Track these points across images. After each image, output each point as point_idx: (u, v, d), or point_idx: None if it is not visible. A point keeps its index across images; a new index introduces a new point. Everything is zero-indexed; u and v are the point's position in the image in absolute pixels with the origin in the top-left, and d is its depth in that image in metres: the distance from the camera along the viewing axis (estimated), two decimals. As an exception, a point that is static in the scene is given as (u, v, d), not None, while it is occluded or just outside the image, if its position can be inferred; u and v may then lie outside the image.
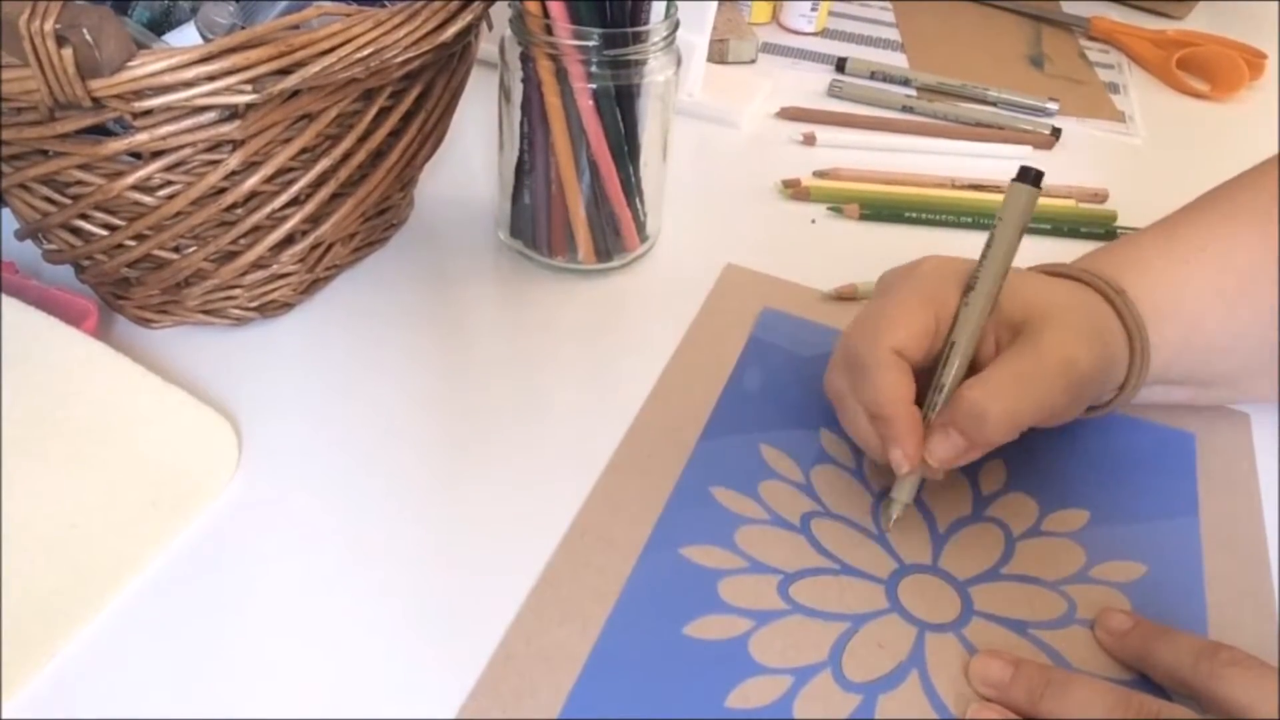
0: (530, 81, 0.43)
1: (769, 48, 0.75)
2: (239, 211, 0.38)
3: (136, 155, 0.35)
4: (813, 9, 0.78)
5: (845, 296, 0.48)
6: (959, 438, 0.34)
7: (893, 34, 0.80)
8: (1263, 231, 0.39)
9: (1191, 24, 0.88)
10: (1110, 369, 0.36)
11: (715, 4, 0.61)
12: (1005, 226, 0.36)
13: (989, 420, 0.33)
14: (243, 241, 0.39)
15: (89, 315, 0.40)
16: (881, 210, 0.55)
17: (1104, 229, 0.56)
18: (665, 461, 0.39)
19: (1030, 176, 0.36)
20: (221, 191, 0.37)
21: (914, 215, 0.55)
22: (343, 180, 0.40)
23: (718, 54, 0.69)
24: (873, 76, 0.71)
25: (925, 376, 0.36)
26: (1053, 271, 0.40)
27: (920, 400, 0.35)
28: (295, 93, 0.36)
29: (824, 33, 0.79)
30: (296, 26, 0.35)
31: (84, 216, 0.37)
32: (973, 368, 0.35)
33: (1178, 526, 0.38)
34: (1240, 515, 0.39)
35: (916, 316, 0.35)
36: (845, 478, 0.39)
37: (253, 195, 0.38)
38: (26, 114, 0.33)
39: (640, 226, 0.49)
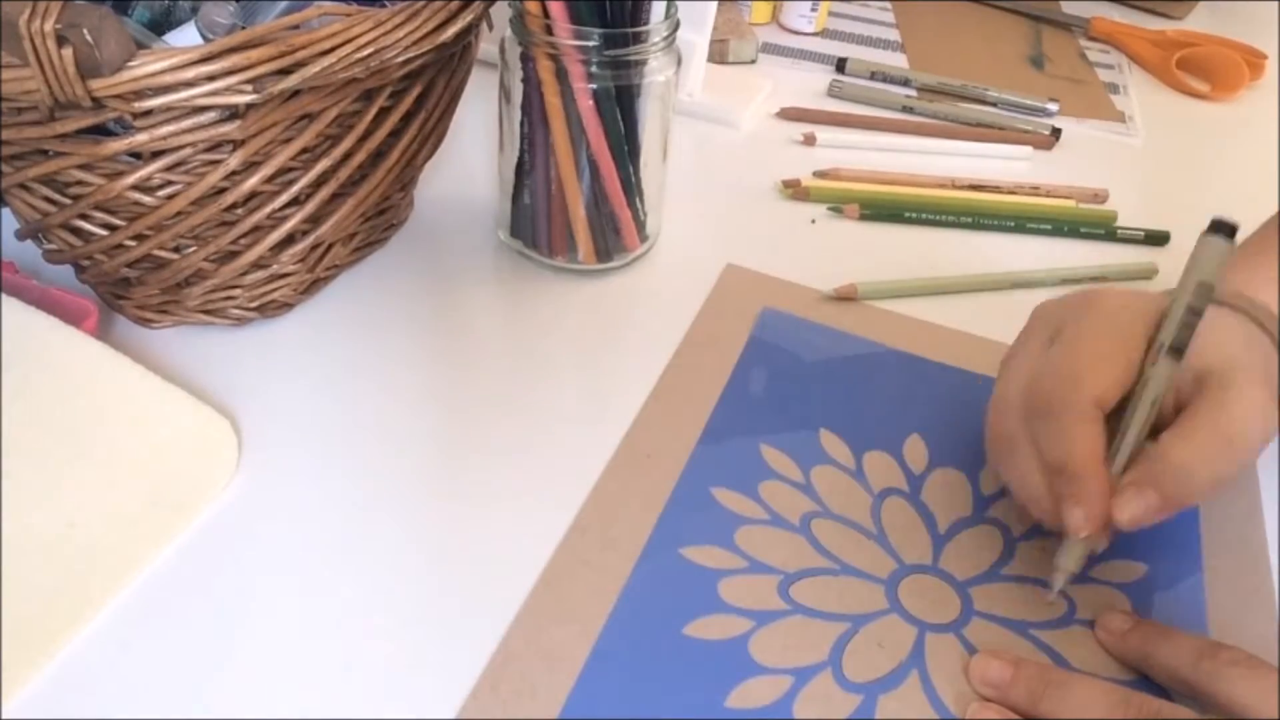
0: (530, 81, 0.43)
1: (769, 48, 0.75)
2: (239, 211, 0.38)
3: (136, 155, 0.35)
4: (813, 9, 0.78)
5: (845, 296, 0.48)
6: (1155, 498, 0.31)
7: (893, 34, 0.80)
8: None
9: (1191, 24, 0.88)
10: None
11: (715, 4, 0.61)
12: (1195, 279, 0.34)
13: (1195, 483, 0.31)
14: (243, 241, 0.39)
15: (89, 315, 0.40)
16: (881, 210, 0.55)
17: (1104, 229, 0.56)
18: (665, 461, 0.39)
19: (1225, 230, 0.34)
20: (222, 191, 0.37)
21: (914, 215, 0.55)
22: (343, 180, 0.40)
23: (718, 54, 0.69)
24: (873, 77, 0.71)
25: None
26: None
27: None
28: (295, 93, 0.36)
29: (824, 33, 0.79)
30: (297, 26, 0.35)
31: (84, 216, 0.37)
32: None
33: (1178, 526, 0.38)
34: (1240, 515, 0.39)
35: (1117, 363, 0.33)
36: (845, 478, 0.39)
37: (253, 195, 0.38)
38: (27, 114, 0.33)
39: (640, 226, 0.49)
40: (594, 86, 0.42)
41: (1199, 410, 0.32)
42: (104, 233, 0.38)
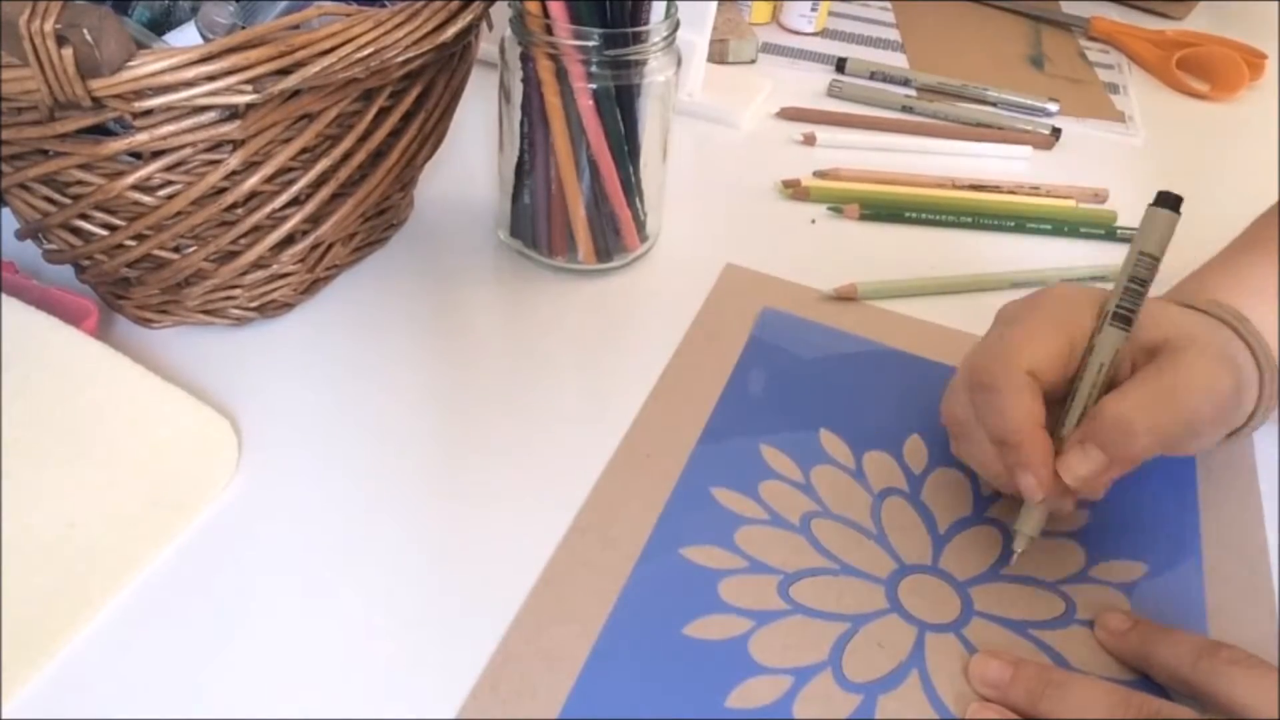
0: (530, 81, 0.43)
1: (769, 48, 0.75)
2: (239, 211, 0.38)
3: (137, 155, 0.35)
4: (813, 9, 0.78)
5: (845, 296, 0.48)
6: (1099, 454, 0.32)
7: (893, 34, 0.80)
8: None
9: (1191, 24, 0.88)
10: (1243, 397, 0.35)
11: (715, 4, 0.61)
12: (1150, 262, 0.35)
13: (1135, 433, 0.31)
14: (243, 241, 0.39)
15: (89, 315, 0.40)
16: (881, 210, 0.55)
17: (1104, 229, 0.56)
18: (665, 461, 0.39)
19: (1169, 201, 0.35)
20: (222, 191, 0.37)
21: (914, 215, 0.55)
22: (343, 180, 0.40)
23: (718, 54, 0.69)
24: (872, 77, 0.71)
25: (1053, 407, 0.34)
26: (1178, 303, 0.38)
27: (1050, 427, 0.34)
28: (295, 93, 0.36)
29: (824, 33, 0.79)
30: (296, 26, 0.35)
31: (84, 216, 0.37)
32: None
33: (1178, 526, 0.38)
34: (1240, 515, 0.39)
35: (1051, 338, 0.34)
36: (845, 478, 0.39)
37: (253, 195, 0.38)
38: (27, 114, 0.33)
39: (640, 226, 0.49)
40: (594, 86, 0.42)
41: (1143, 373, 0.33)
42: (104, 233, 0.38)
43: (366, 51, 0.35)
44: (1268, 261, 0.39)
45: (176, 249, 0.39)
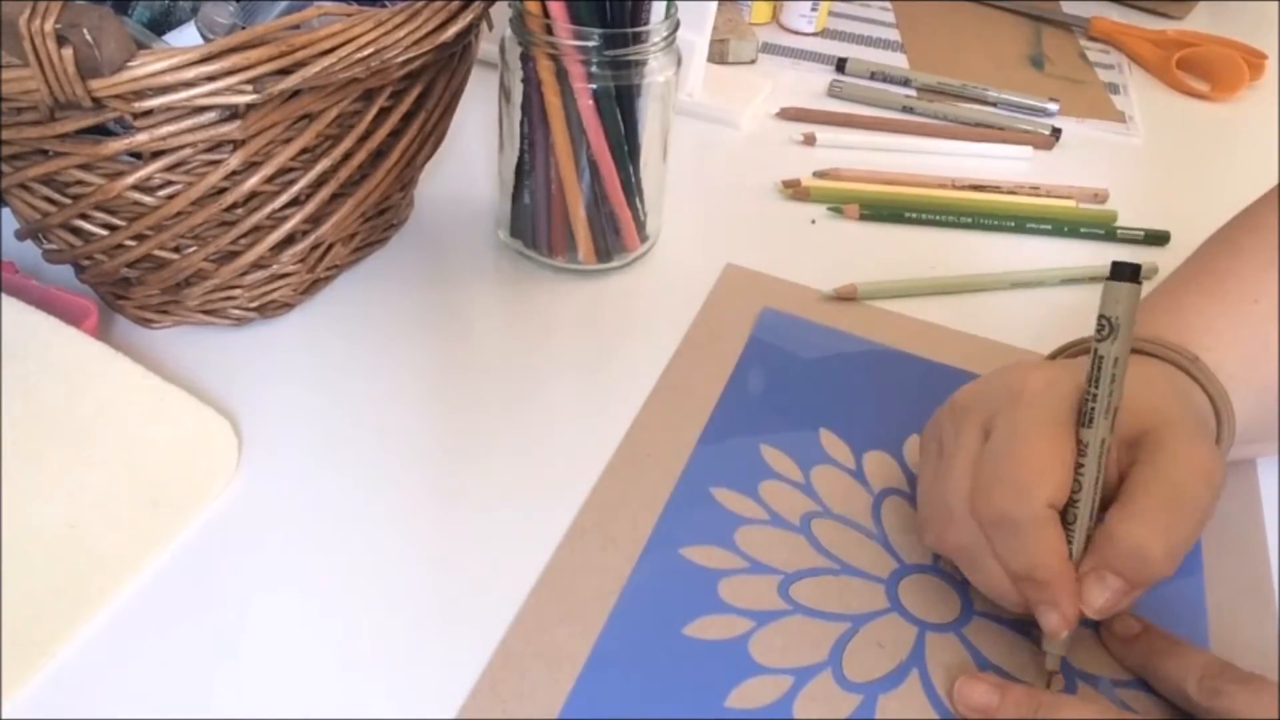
0: (530, 81, 0.43)
1: (769, 48, 0.75)
2: (239, 211, 0.38)
3: (137, 155, 0.35)
4: (813, 9, 0.78)
5: (845, 296, 0.48)
6: (1118, 582, 0.30)
7: (893, 34, 0.80)
8: None
9: (1191, 24, 0.88)
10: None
11: (715, 4, 0.61)
12: (1120, 339, 0.31)
13: (1152, 560, 0.29)
14: (243, 241, 0.39)
15: (89, 315, 0.40)
16: (881, 210, 0.55)
17: (1104, 229, 0.56)
18: (665, 461, 0.39)
19: (1127, 272, 0.31)
20: (222, 191, 0.37)
21: (914, 215, 0.55)
22: (343, 180, 0.40)
23: (718, 54, 0.69)
24: (873, 77, 0.71)
25: None
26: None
27: None
28: (295, 93, 0.36)
29: (824, 33, 0.79)
30: (297, 26, 0.35)
31: (84, 216, 0.37)
32: None
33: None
34: (1240, 515, 0.39)
35: (1061, 457, 0.31)
36: (845, 478, 0.39)
37: (253, 195, 0.38)
38: (27, 114, 0.33)
39: (640, 226, 0.49)
40: (594, 86, 0.42)
41: (1139, 481, 0.31)
42: (104, 233, 0.38)
43: (367, 51, 0.35)
44: (1213, 296, 0.38)
45: (177, 249, 0.39)
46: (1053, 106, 0.69)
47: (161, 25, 0.41)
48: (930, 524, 0.34)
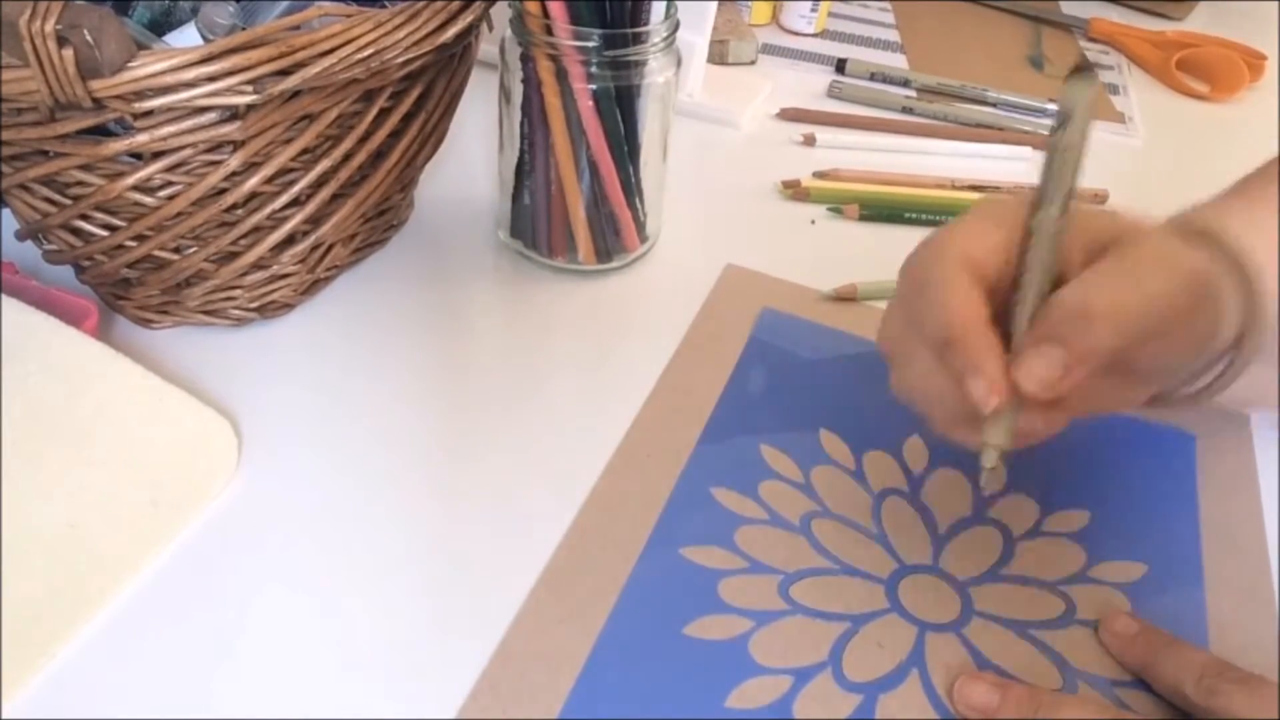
0: (530, 82, 0.43)
1: (769, 48, 0.75)
2: (239, 212, 0.38)
3: (137, 156, 0.35)
4: (812, 10, 0.78)
5: (845, 297, 0.49)
6: (1057, 350, 0.28)
7: (893, 35, 0.80)
8: None
9: (1191, 25, 0.88)
10: (1220, 307, 0.30)
11: (715, 4, 0.61)
12: (1072, 128, 0.29)
13: (1094, 318, 0.27)
14: (243, 242, 0.39)
15: (89, 315, 0.40)
16: (881, 211, 0.55)
17: (1104, 229, 0.56)
18: (665, 461, 0.39)
19: (1085, 70, 0.29)
20: (222, 192, 0.37)
21: (914, 216, 0.55)
22: (343, 181, 0.40)
23: (718, 55, 0.69)
24: (872, 78, 0.71)
25: (999, 315, 0.30)
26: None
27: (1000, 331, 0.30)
28: (296, 93, 0.36)
29: (824, 34, 0.79)
30: (297, 27, 0.35)
31: (84, 217, 0.37)
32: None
33: (1178, 526, 0.38)
34: (1240, 515, 0.39)
35: (987, 230, 0.30)
36: (845, 478, 0.39)
37: (253, 196, 0.38)
38: (27, 114, 0.33)
39: (640, 227, 0.49)
40: (594, 87, 0.42)
41: (1099, 261, 0.29)
42: (104, 233, 0.38)
43: (367, 52, 0.35)
44: (1258, 203, 0.35)
45: (177, 250, 0.39)
46: (1053, 107, 0.69)
47: (161, 26, 0.41)
48: (878, 332, 0.33)
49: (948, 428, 0.32)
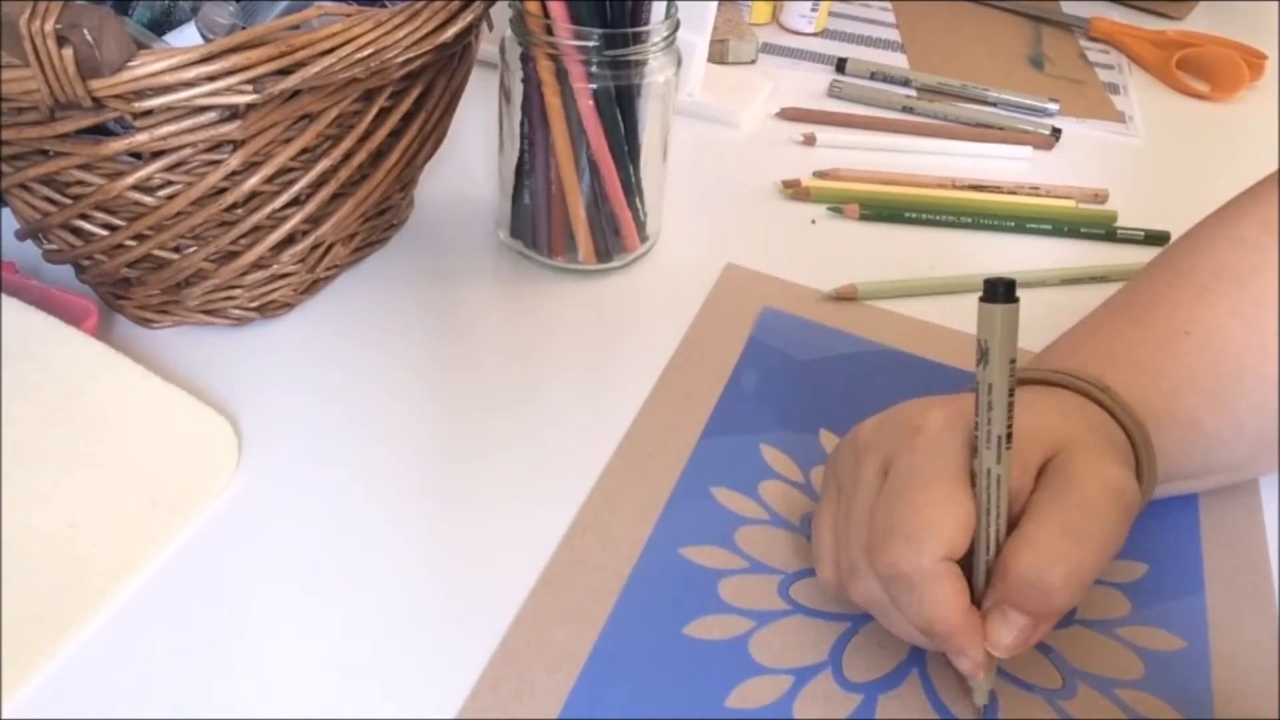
0: (530, 82, 0.43)
1: (769, 48, 0.75)
2: (239, 211, 0.38)
3: (137, 155, 0.35)
4: (813, 9, 0.78)
5: (845, 296, 0.49)
6: (1021, 618, 0.29)
7: (893, 34, 0.80)
8: (1235, 303, 0.35)
9: (1191, 24, 0.88)
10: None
11: (715, 4, 0.61)
12: (994, 362, 0.28)
13: (1053, 589, 0.28)
14: (243, 241, 0.39)
15: (89, 315, 0.40)
16: (881, 210, 0.55)
17: (1104, 229, 0.56)
18: (665, 461, 0.39)
19: (1000, 291, 0.28)
20: (222, 191, 0.37)
21: (914, 215, 0.55)
22: (343, 180, 0.40)
23: (718, 54, 0.69)
24: (873, 77, 0.71)
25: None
26: (1030, 379, 0.35)
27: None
28: (296, 93, 0.36)
29: (824, 33, 0.79)
30: (297, 27, 0.35)
31: (84, 216, 0.37)
32: None
33: (1178, 526, 0.38)
34: (1240, 516, 0.39)
35: (956, 508, 0.29)
36: (845, 478, 0.39)
37: (253, 195, 0.38)
38: (27, 114, 0.33)
39: (640, 226, 0.49)
40: (594, 86, 0.42)
41: (1035, 508, 0.29)
42: (104, 233, 0.38)
43: (367, 52, 0.35)
44: (1140, 325, 0.36)
45: (177, 249, 0.39)
46: (1053, 106, 0.69)
47: (161, 25, 0.41)
48: (833, 569, 0.32)
49: (904, 637, 0.32)
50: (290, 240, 0.41)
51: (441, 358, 0.43)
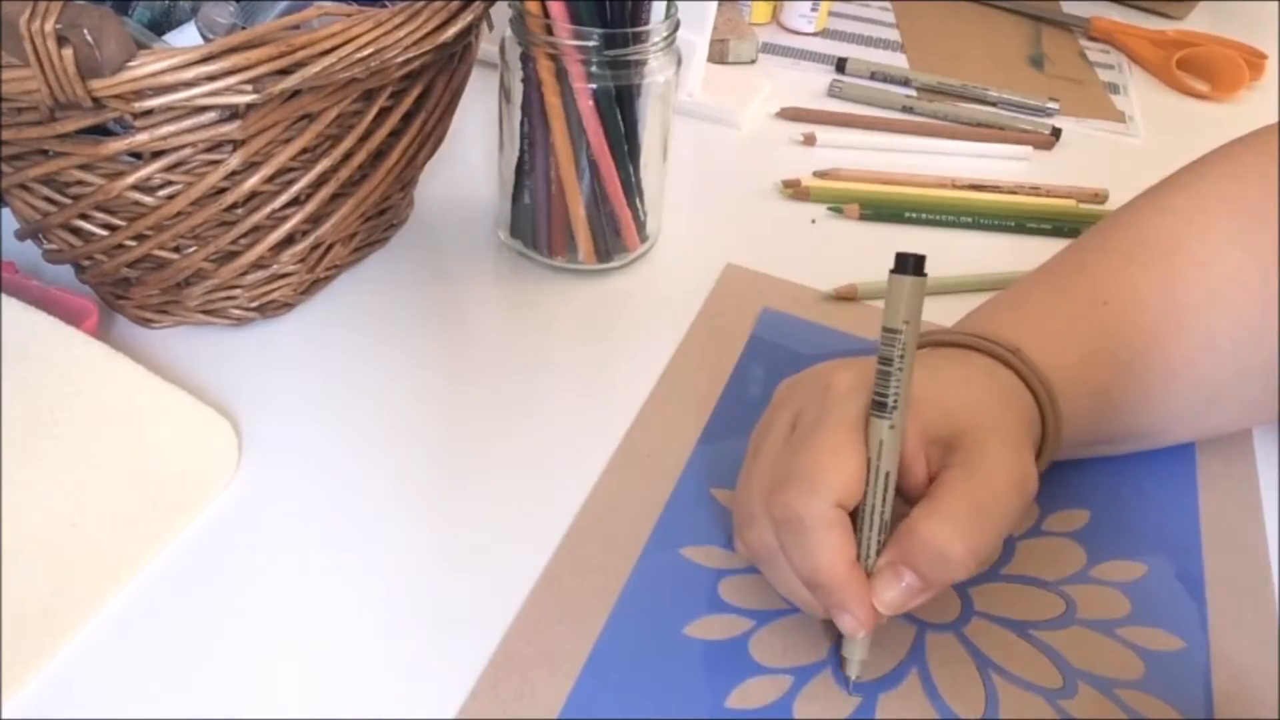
0: (530, 81, 0.43)
1: (769, 48, 0.75)
2: (239, 211, 0.38)
3: (137, 155, 0.35)
4: (813, 9, 0.78)
5: (845, 296, 0.48)
6: (914, 579, 0.29)
7: (893, 34, 0.80)
8: (1157, 275, 0.36)
9: (1191, 24, 0.88)
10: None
11: (715, 4, 0.61)
12: (902, 333, 0.30)
13: (953, 560, 0.29)
14: (243, 241, 0.39)
15: (89, 315, 0.40)
16: (881, 210, 0.55)
17: (1104, 229, 0.56)
18: (665, 461, 0.39)
19: (909, 265, 0.29)
20: (222, 191, 0.37)
21: (914, 215, 0.55)
22: (343, 180, 0.40)
23: (718, 54, 0.69)
24: (873, 77, 0.71)
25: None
26: (944, 341, 0.36)
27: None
28: (296, 93, 0.36)
29: (824, 33, 0.79)
30: (297, 26, 0.35)
31: (84, 216, 0.37)
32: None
33: (1178, 526, 0.38)
34: (1240, 515, 0.39)
35: (852, 457, 0.30)
36: (845, 478, 0.39)
37: (253, 195, 0.38)
38: (27, 114, 0.33)
39: (640, 226, 0.49)
40: (594, 86, 0.42)
41: (949, 482, 0.30)
42: (104, 233, 0.38)
43: (367, 52, 0.35)
44: (1060, 294, 0.37)
45: (177, 249, 0.39)
46: (1053, 106, 0.69)
47: (161, 25, 0.41)
48: (736, 522, 0.33)
49: (786, 593, 0.32)
50: (290, 240, 0.41)
51: (441, 358, 0.43)
